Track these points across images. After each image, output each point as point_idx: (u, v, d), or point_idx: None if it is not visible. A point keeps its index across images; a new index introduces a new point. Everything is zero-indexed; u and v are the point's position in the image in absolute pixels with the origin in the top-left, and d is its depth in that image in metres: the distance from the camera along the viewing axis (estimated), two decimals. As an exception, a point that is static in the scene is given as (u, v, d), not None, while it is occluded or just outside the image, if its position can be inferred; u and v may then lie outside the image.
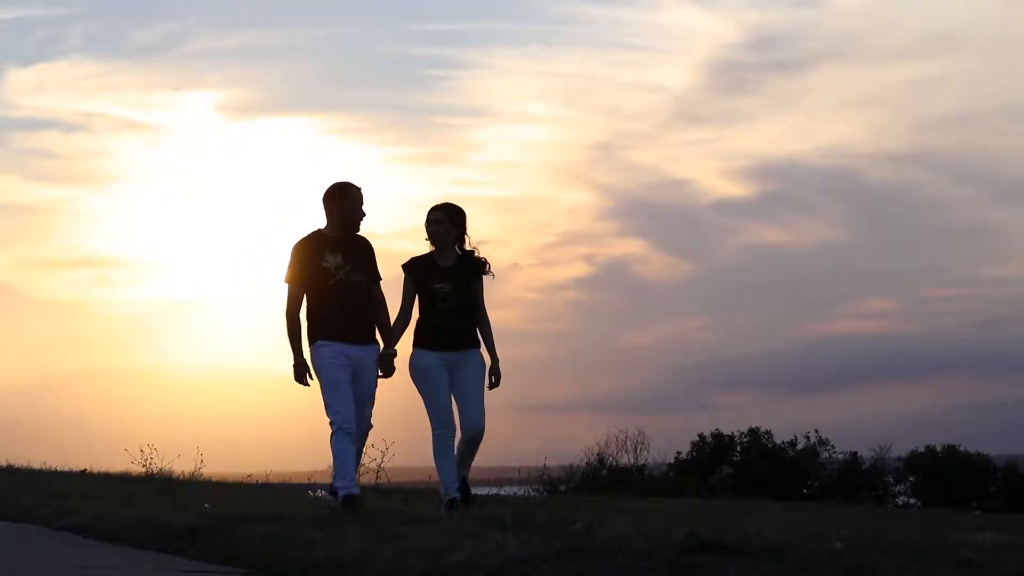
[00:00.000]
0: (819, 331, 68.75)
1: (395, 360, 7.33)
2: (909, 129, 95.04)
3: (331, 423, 7.06)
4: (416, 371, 7.33)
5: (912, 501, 28.19)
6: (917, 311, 76.32)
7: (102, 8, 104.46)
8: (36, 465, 17.88)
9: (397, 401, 7.34)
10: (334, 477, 7.29)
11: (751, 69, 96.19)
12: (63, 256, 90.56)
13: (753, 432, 29.17)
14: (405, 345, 7.41)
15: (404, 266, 7.37)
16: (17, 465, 17.67)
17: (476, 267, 7.39)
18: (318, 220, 7.29)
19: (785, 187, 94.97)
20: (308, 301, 7.23)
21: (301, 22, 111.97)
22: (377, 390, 7.36)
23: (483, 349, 7.45)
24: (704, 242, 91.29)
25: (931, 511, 19.63)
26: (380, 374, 7.29)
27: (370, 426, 7.38)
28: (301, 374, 7.23)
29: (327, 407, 7.09)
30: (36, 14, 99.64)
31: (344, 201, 7.19)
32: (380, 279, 7.39)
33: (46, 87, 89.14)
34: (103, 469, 17.79)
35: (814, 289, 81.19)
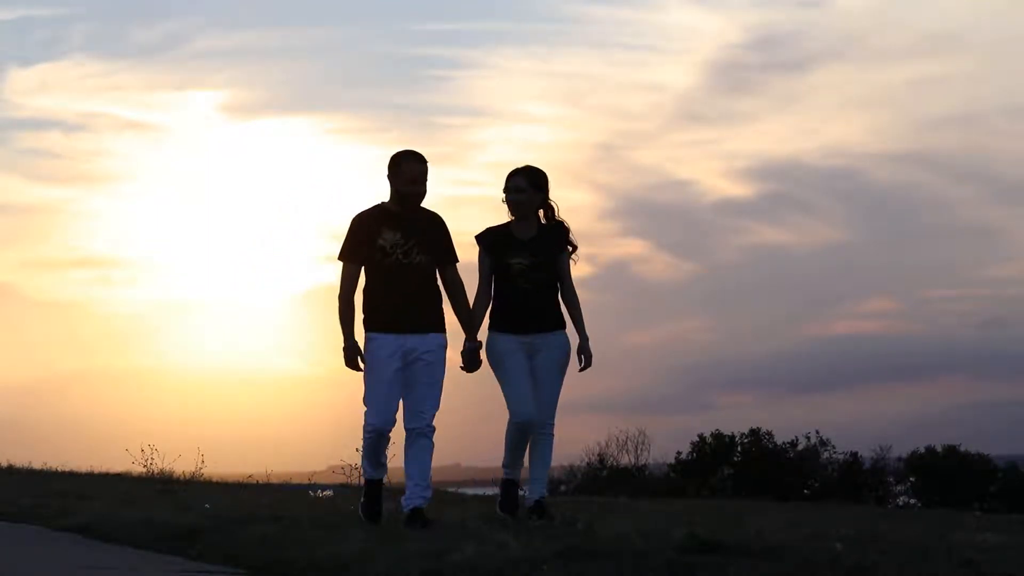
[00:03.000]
0: (819, 331, 68.93)
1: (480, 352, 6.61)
2: (910, 129, 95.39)
3: (364, 425, 6.40)
4: (493, 356, 6.62)
5: (912, 501, 28.20)
6: (917, 311, 76.58)
7: (103, 8, 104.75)
8: (36, 465, 17.91)
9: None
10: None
11: (753, 69, 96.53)
12: (63, 256, 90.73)
13: (754, 432, 29.18)
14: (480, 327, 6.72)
15: (477, 238, 6.68)
16: (17, 465, 17.69)
17: (560, 238, 6.71)
18: (319, 220, 6.98)
19: (786, 187, 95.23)
20: (364, 282, 6.46)
21: (302, 22, 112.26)
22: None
23: (570, 329, 6.76)
24: (705, 242, 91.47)
25: (931, 511, 19.60)
26: (462, 367, 6.60)
27: (431, 428, 6.43)
28: (352, 358, 6.40)
29: (365, 407, 6.40)
30: (37, 14, 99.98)
31: (398, 176, 6.39)
32: (456, 260, 6.54)
33: (47, 87, 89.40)
34: (103, 469, 17.81)
35: (814, 289, 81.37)
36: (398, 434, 6.49)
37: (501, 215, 6.76)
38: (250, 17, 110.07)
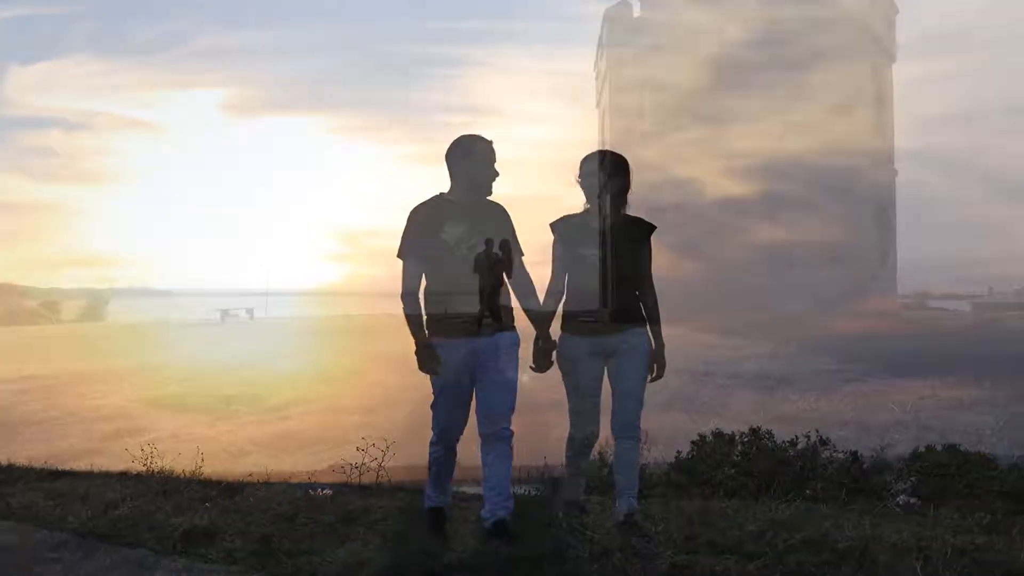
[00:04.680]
0: (819, 331, 68.83)
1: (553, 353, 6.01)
2: (910, 129, 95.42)
3: (431, 438, 6.01)
4: (563, 361, 6.00)
5: (912, 501, 28.22)
6: (917, 311, 76.54)
7: (104, 7, 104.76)
8: (36, 465, 17.91)
9: (398, 400, 6.94)
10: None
11: (753, 69, 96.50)
12: (63, 256, 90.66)
13: (754, 432, 29.22)
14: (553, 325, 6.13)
15: (552, 225, 6.11)
16: (17, 465, 17.69)
17: (642, 229, 6.16)
18: (320, 220, 6.77)
19: (786, 187, 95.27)
20: (425, 280, 5.91)
21: (304, 21, 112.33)
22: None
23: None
24: (705, 242, 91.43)
25: (931, 511, 19.60)
26: (532, 367, 5.98)
27: (509, 432, 5.88)
28: (427, 361, 5.80)
29: (432, 415, 5.99)
30: (38, 12, 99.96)
31: (470, 159, 5.90)
32: (522, 253, 6.02)
33: (48, 85, 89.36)
34: (103, 469, 17.81)
35: (815, 289, 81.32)
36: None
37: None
38: (251, 16, 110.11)
